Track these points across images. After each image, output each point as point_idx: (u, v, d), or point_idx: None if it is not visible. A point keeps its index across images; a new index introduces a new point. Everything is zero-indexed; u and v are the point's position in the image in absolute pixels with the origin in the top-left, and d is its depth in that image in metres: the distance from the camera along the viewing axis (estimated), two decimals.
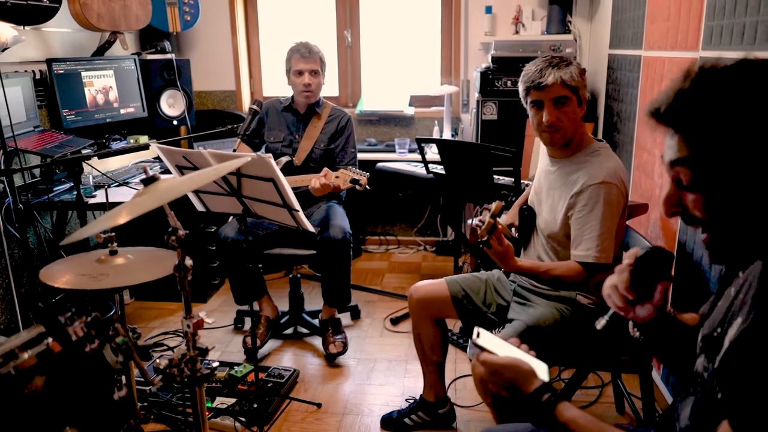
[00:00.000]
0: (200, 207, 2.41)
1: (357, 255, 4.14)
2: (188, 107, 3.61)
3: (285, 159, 2.85)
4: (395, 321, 3.17)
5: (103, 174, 2.78)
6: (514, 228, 2.12)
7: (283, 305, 3.06)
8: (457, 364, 2.68)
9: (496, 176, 2.89)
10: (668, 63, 2.39)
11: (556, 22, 3.72)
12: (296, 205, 2.12)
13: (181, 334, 1.47)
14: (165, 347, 2.90)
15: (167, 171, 2.43)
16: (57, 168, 2.82)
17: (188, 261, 1.40)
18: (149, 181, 1.37)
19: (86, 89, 3.12)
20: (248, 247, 2.68)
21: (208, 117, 3.96)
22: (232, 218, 2.85)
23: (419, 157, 3.16)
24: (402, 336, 3.00)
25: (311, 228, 2.29)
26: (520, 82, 1.86)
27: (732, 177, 0.82)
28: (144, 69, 3.47)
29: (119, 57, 3.43)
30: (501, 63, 3.51)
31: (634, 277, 1.06)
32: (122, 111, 3.34)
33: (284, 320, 3.02)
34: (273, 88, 4.32)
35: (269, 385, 2.47)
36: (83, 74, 3.11)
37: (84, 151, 2.81)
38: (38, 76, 2.98)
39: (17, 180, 2.63)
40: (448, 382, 2.41)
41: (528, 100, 1.85)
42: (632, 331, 1.17)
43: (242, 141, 2.53)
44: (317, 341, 2.93)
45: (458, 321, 2.53)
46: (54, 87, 2.95)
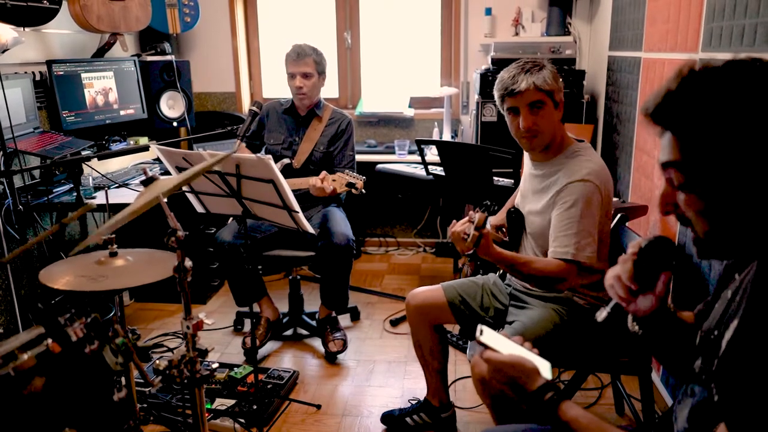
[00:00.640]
0: (200, 208, 2.41)
1: (357, 256, 4.13)
2: (188, 109, 3.61)
3: (284, 161, 2.86)
4: (395, 322, 3.17)
5: (103, 175, 2.79)
6: (504, 230, 2.12)
7: (283, 306, 3.06)
8: (457, 366, 2.67)
9: (496, 178, 2.90)
10: (668, 65, 2.39)
11: (556, 24, 3.72)
12: (296, 207, 2.13)
13: (181, 336, 1.47)
14: (165, 348, 2.90)
15: (167, 172, 2.43)
16: (57, 169, 2.82)
17: (188, 262, 1.40)
18: (149, 182, 1.37)
19: (86, 91, 3.12)
20: (246, 251, 2.68)
21: (208, 118, 3.96)
22: (231, 220, 2.85)
23: (419, 159, 3.16)
24: (401, 337, 3.00)
25: (311, 229, 2.29)
26: (495, 90, 1.86)
27: (721, 177, 0.82)
28: (144, 70, 3.48)
29: (119, 58, 3.44)
30: (501, 65, 3.49)
31: (638, 268, 1.06)
32: (122, 112, 3.34)
33: (284, 321, 3.02)
34: (273, 90, 4.32)
35: (269, 387, 2.47)
36: (83, 76, 3.11)
37: (84, 153, 2.81)
38: (38, 78, 2.98)
39: (17, 181, 2.63)
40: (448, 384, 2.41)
41: (504, 107, 1.86)
42: (631, 326, 1.16)
43: (242, 143, 2.53)
44: (317, 342, 2.93)
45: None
46: (54, 88, 2.95)
